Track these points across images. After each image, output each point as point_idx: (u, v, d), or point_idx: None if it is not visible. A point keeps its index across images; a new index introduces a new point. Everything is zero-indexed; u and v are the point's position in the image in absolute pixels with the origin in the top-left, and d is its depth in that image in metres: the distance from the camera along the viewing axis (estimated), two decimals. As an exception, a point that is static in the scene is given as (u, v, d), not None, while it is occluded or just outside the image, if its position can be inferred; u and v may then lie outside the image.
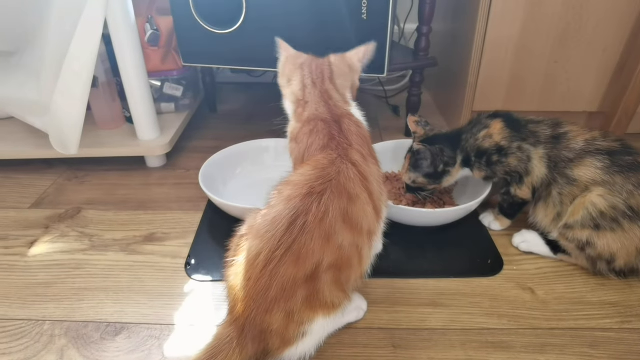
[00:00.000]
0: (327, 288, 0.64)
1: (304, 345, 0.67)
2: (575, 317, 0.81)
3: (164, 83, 1.35)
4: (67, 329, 0.79)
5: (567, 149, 0.88)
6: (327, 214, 0.62)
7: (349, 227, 0.65)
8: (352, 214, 0.65)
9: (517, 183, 0.93)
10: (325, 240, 0.62)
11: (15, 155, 1.24)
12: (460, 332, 0.78)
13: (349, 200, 0.65)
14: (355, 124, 0.76)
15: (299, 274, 0.61)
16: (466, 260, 0.94)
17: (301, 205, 0.62)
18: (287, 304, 0.62)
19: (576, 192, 0.86)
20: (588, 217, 0.83)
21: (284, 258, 0.61)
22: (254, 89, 1.85)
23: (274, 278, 0.61)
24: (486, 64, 1.26)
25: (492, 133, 0.93)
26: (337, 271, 0.64)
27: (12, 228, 1.05)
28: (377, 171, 0.74)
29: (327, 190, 0.64)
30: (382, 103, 1.71)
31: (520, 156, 0.91)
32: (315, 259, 0.62)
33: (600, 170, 0.84)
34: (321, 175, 0.65)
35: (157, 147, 1.23)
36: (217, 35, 1.09)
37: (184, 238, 1.00)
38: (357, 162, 0.69)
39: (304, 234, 0.61)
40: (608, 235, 0.82)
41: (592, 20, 1.19)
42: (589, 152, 0.86)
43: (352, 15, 1.02)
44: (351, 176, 0.67)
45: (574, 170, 0.86)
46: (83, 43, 1.00)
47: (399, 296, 0.85)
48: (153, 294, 0.87)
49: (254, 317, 0.63)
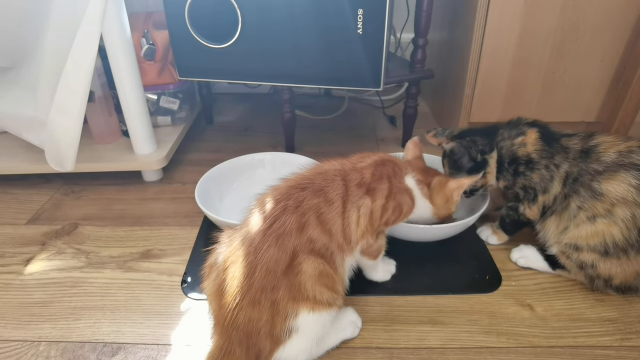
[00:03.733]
0: (308, 281, 0.67)
1: (295, 347, 0.68)
2: (575, 334, 0.80)
3: (160, 97, 1.35)
4: (64, 350, 0.79)
5: (597, 162, 0.81)
6: (303, 204, 0.70)
7: (321, 225, 0.70)
8: (326, 215, 0.71)
9: (529, 201, 0.90)
10: (300, 227, 0.69)
11: (12, 171, 1.23)
12: (459, 351, 0.77)
13: (326, 202, 0.72)
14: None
15: (281, 256, 0.66)
16: (465, 277, 0.93)
17: (285, 193, 0.72)
18: (272, 293, 0.65)
19: (599, 209, 0.80)
20: (602, 245, 0.81)
21: (267, 238, 0.67)
22: (251, 99, 1.85)
23: (260, 262, 0.65)
24: (483, 74, 1.26)
25: (527, 142, 0.89)
26: (316, 265, 0.69)
27: (8, 245, 1.04)
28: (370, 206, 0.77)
29: (309, 187, 0.73)
30: (379, 113, 1.70)
31: (545, 175, 0.87)
32: (292, 243, 0.67)
33: (635, 189, 0.77)
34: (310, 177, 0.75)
35: (154, 161, 1.23)
36: (213, 50, 1.09)
37: (180, 255, 1.00)
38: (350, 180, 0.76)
39: (285, 214, 0.69)
40: (613, 261, 0.81)
41: (589, 32, 1.19)
42: (622, 166, 0.79)
43: (347, 30, 1.02)
44: (335, 186, 0.74)
45: (603, 184, 0.80)
46: (79, 59, 1.00)
47: (398, 314, 0.85)
48: (150, 313, 0.86)
49: (237, 313, 0.65)
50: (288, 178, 0.77)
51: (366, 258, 0.83)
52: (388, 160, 0.83)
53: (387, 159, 0.83)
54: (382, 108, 1.71)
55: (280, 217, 0.69)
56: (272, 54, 1.08)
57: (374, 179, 0.77)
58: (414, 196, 0.83)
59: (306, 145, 1.45)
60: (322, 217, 0.71)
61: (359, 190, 0.75)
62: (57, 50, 1.03)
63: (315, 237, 0.69)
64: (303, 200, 0.71)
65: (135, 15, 1.29)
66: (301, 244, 0.68)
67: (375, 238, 0.80)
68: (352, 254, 0.76)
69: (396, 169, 0.82)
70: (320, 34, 1.03)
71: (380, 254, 0.84)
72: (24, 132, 1.17)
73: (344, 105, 1.72)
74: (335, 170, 0.77)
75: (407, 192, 0.82)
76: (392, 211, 0.79)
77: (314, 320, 0.68)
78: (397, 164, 0.83)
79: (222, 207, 1.10)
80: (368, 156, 0.83)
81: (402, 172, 0.83)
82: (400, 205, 0.80)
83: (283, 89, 1.25)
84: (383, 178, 0.79)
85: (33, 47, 1.08)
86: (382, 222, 0.78)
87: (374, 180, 0.77)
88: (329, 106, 1.75)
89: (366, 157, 0.82)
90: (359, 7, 0.99)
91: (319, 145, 1.47)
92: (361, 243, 0.77)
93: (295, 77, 1.12)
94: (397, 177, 0.81)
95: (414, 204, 0.84)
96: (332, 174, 0.76)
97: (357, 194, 0.75)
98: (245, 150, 1.23)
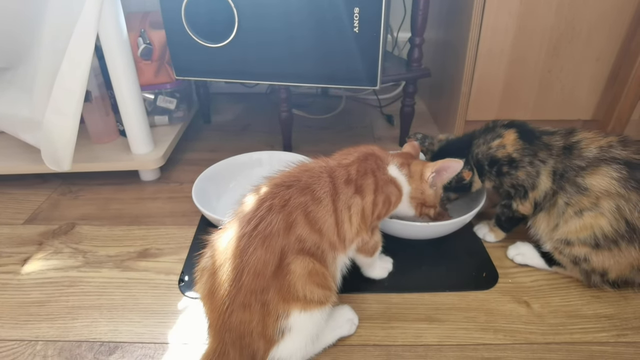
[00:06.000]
0: (298, 280, 0.66)
1: (289, 346, 0.68)
2: (571, 330, 0.80)
3: (157, 96, 1.35)
4: (61, 349, 0.79)
5: (579, 157, 0.84)
6: (289, 203, 0.69)
7: (310, 224, 0.70)
8: (314, 214, 0.70)
9: (520, 198, 0.91)
10: (288, 227, 0.68)
11: (9, 170, 1.23)
12: (456, 348, 0.77)
13: (313, 200, 0.71)
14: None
15: (268, 258, 0.65)
16: (462, 274, 0.94)
17: (270, 192, 0.71)
18: (261, 295, 0.65)
19: (585, 203, 0.82)
20: (591, 237, 0.81)
21: (253, 240, 0.66)
22: (248, 99, 1.85)
23: (247, 264, 0.65)
24: (479, 73, 1.27)
25: (506, 143, 0.91)
26: (305, 264, 0.68)
27: (5, 245, 1.04)
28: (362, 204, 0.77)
29: (295, 184, 0.72)
30: (376, 112, 1.71)
31: (530, 171, 0.88)
32: (280, 243, 0.66)
33: (617, 182, 0.79)
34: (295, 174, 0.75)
35: (151, 161, 1.23)
36: (209, 48, 1.09)
37: (177, 254, 1.00)
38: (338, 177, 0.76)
39: (270, 213, 0.68)
40: (605, 253, 0.81)
41: (585, 31, 1.19)
42: (603, 160, 0.81)
43: (343, 28, 1.02)
44: (322, 183, 0.73)
45: (586, 178, 0.82)
46: (75, 59, 1.00)
47: (395, 311, 0.85)
48: (147, 311, 0.86)
49: (228, 315, 0.65)
50: (272, 176, 0.76)
51: (362, 255, 0.83)
52: (369, 153, 0.82)
53: (369, 153, 0.83)
54: (379, 107, 1.72)
55: (266, 217, 0.68)
56: (268, 52, 1.08)
57: (359, 175, 0.77)
58: (399, 184, 0.83)
59: (303, 144, 1.45)
60: (310, 216, 0.70)
61: (347, 188, 0.75)
62: (53, 50, 1.03)
63: (304, 236, 0.69)
64: (289, 199, 0.70)
65: (132, 15, 1.28)
66: (289, 243, 0.67)
67: (370, 234, 0.80)
68: (345, 251, 0.76)
69: (378, 162, 0.81)
70: (317, 33, 1.03)
71: (376, 251, 0.85)
72: (20, 132, 1.17)
73: (341, 104, 1.72)
74: (320, 167, 0.77)
75: (392, 182, 0.82)
76: (382, 204, 0.79)
77: (306, 320, 0.68)
78: (378, 156, 0.83)
79: (219, 205, 1.10)
80: (350, 152, 0.83)
81: (383, 163, 0.82)
82: (388, 196, 0.80)
83: (280, 88, 1.26)
84: (367, 173, 0.78)
85: (29, 47, 1.08)
86: (374, 216, 0.78)
87: (359, 176, 0.77)
88: (326, 105, 1.75)
89: (349, 154, 0.82)
90: (355, 6, 0.99)
91: (316, 144, 1.47)
92: (356, 241, 0.77)
93: (292, 75, 1.12)
94: (380, 169, 0.81)
95: (401, 193, 0.83)
96: (317, 171, 0.75)
97: (346, 192, 0.75)
98: (243, 149, 1.24)
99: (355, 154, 0.82)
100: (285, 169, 0.78)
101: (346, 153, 0.83)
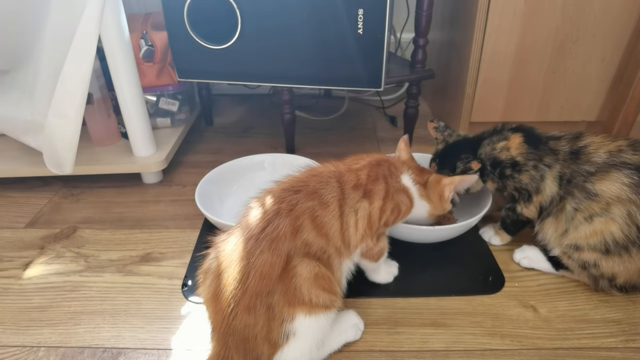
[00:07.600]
0: (303, 284, 0.66)
1: (293, 350, 0.67)
2: (579, 335, 0.79)
3: (159, 98, 1.34)
4: (63, 356, 0.78)
5: (587, 162, 0.82)
6: (297, 207, 0.69)
7: (317, 229, 0.69)
8: (321, 218, 0.70)
9: (525, 201, 0.91)
10: (294, 230, 0.67)
11: (10, 174, 1.22)
12: (463, 354, 0.77)
13: (320, 205, 0.71)
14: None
15: (275, 260, 0.65)
16: (468, 278, 0.93)
17: (278, 196, 0.71)
18: (267, 298, 0.64)
19: (595, 209, 0.80)
20: (602, 243, 0.80)
21: (260, 242, 0.66)
22: (250, 100, 1.84)
23: (253, 267, 0.64)
24: (484, 74, 1.26)
25: (510, 146, 0.90)
26: (311, 268, 0.67)
27: (6, 249, 1.03)
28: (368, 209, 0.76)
29: (303, 189, 0.72)
30: (379, 113, 1.70)
31: (534, 175, 0.87)
32: (286, 246, 0.66)
33: (628, 188, 0.77)
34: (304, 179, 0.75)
35: (153, 163, 1.22)
36: (212, 50, 1.08)
37: (180, 258, 0.99)
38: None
39: (278, 217, 0.68)
40: (615, 259, 0.80)
41: (590, 32, 1.18)
42: (613, 165, 0.79)
43: (347, 30, 1.01)
44: (330, 188, 0.73)
45: (596, 184, 0.80)
46: (77, 62, 0.99)
47: (401, 316, 0.84)
48: (150, 317, 0.85)
49: (232, 318, 0.64)
50: (281, 181, 0.76)
51: (367, 260, 0.82)
52: (383, 160, 0.82)
53: (383, 159, 0.82)
54: (383, 108, 1.71)
55: (273, 220, 0.68)
56: (271, 54, 1.07)
57: (370, 180, 0.77)
58: (411, 195, 0.82)
59: (306, 146, 1.44)
60: (317, 220, 0.70)
61: (355, 193, 0.74)
62: (54, 52, 1.02)
63: (310, 240, 0.68)
64: (296, 203, 0.69)
65: (134, 16, 1.28)
66: (295, 247, 0.67)
67: (375, 240, 0.79)
68: (350, 256, 0.76)
69: (392, 169, 0.81)
70: (320, 34, 1.03)
71: (381, 257, 0.84)
72: (21, 134, 1.16)
73: (344, 105, 1.71)
74: (329, 172, 0.77)
75: (404, 192, 0.81)
76: (391, 212, 0.78)
77: (311, 324, 0.67)
78: (392, 163, 0.83)
79: (222, 209, 1.09)
80: (362, 157, 0.82)
81: (398, 171, 0.82)
82: (398, 205, 0.79)
83: (283, 90, 1.25)
84: (379, 178, 0.78)
85: (30, 50, 1.08)
86: (381, 223, 0.77)
87: (370, 181, 0.76)
88: (329, 106, 1.74)
89: (361, 159, 0.82)
90: (359, 7, 0.99)
91: (320, 145, 1.46)
92: (360, 246, 0.77)
93: (295, 77, 1.11)
94: (393, 176, 0.80)
95: (412, 203, 0.83)
96: (326, 176, 0.75)
97: (354, 196, 0.74)
98: (245, 151, 1.23)
99: (367, 159, 0.81)
100: (294, 173, 0.78)
101: (358, 158, 0.82)
